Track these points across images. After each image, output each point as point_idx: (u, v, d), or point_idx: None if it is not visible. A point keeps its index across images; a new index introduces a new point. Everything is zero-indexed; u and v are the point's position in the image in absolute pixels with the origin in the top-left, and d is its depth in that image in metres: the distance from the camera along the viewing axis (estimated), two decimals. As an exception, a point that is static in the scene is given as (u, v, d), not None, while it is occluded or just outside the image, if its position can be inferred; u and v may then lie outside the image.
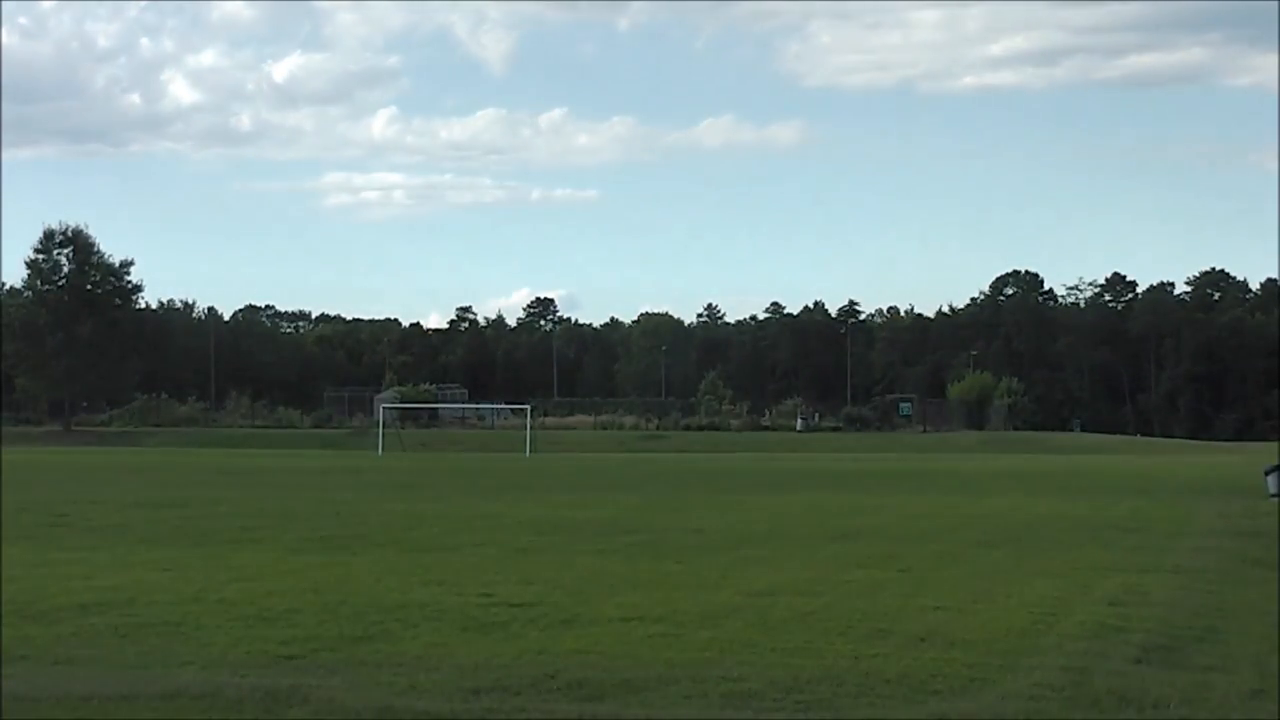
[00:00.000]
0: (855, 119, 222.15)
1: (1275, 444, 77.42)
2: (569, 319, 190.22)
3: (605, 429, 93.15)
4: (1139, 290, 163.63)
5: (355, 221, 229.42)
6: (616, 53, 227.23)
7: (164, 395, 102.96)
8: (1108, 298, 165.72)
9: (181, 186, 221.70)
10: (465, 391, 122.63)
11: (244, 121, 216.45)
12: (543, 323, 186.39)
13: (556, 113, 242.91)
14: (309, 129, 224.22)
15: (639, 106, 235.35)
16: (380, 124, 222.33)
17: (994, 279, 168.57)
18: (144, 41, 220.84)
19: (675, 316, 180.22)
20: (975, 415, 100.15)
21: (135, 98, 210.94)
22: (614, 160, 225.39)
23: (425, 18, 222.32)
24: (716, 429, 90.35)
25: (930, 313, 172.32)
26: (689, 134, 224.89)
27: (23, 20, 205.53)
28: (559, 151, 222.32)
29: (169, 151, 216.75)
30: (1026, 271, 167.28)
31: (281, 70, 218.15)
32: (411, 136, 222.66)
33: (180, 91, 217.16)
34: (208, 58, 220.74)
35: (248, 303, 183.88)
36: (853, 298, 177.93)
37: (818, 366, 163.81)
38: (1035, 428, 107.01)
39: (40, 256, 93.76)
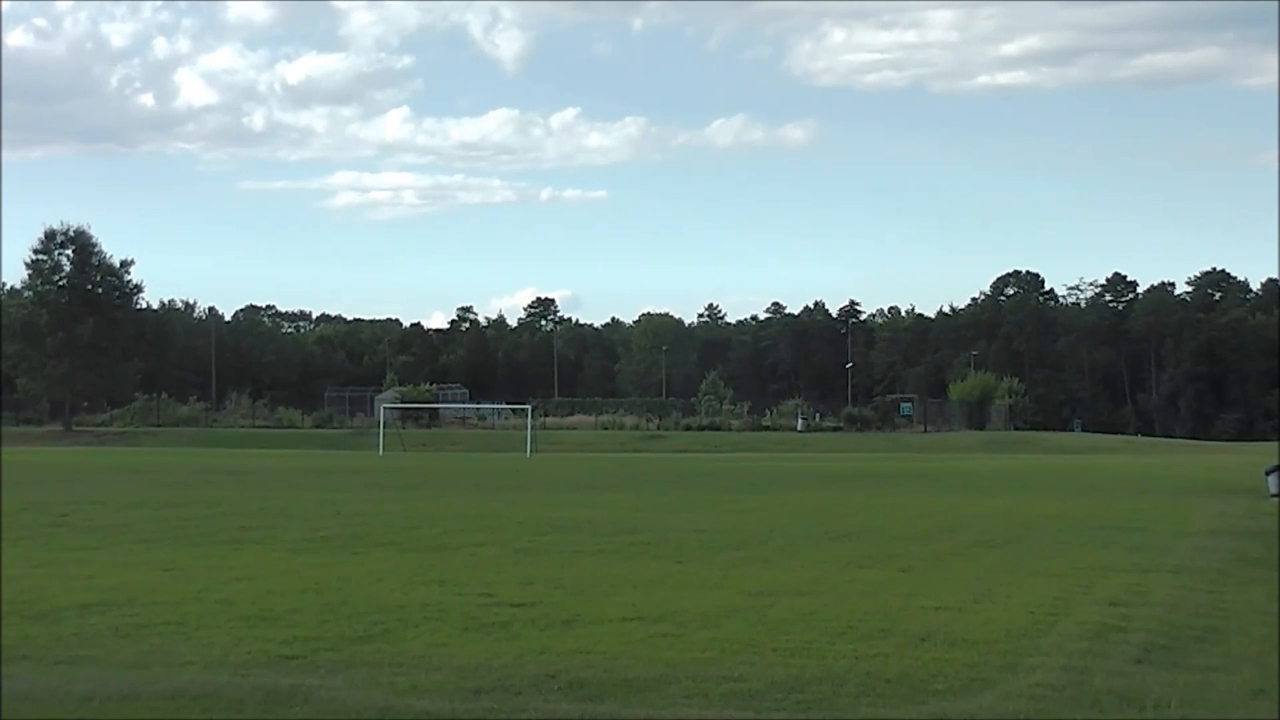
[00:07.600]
0: (867, 119, 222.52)
1: (1275, 444, 77.42)
2: (569, 319, 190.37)
3: (606, 429, 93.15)
4: (1139, 290, 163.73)
5: (362, 221, 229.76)
6: (629, 53, 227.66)
7: (164, 395, 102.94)
8: (1108, 298, 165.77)
9: (190, 187, 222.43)
10: (466, 391, 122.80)
11: (256, 121, 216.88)
12: (543, 323, 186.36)
13: (568, 113, 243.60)
14: (320, 129, 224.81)
15: (651, 107, 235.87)
16: (392, 124, 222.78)
17: (995, 279, 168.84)
18: (159, 41, 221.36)
19: (676, 316, 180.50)
20: (976, 415, 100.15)
21: (148, 98, 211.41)
22: (624, 161, 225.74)
23: (440, 18, 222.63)
24: (717, 429, 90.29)
25: (931, 313, 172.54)
26: (700, 134, 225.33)
27: (39, 21, 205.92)
28: (569, 152, 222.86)
29: (180, 152, 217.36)
30: (1027, 271, 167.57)
31: (295, 71, 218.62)
32: (423, 137, 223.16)
33: (193, 92, 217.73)
34: (222, 58, 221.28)
35: (248, 303, 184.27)
36: (853, 298, 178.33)
37: (818, 366, 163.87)
38: (1036, 428, 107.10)
39: (41, 257, 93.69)
